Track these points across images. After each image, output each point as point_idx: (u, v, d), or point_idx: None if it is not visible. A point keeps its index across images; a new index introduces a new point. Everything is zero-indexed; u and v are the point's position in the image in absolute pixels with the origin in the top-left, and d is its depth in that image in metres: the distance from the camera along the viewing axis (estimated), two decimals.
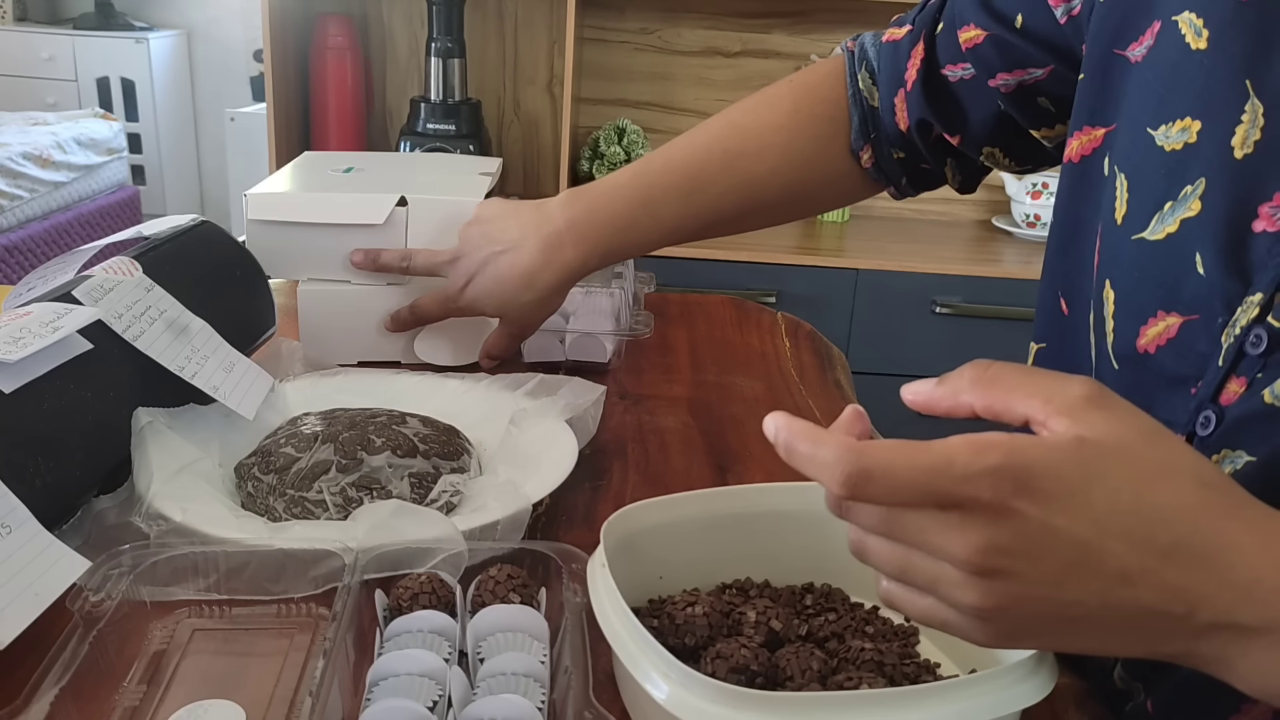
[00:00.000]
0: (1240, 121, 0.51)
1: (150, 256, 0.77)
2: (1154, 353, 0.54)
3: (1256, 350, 0.48)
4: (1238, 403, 0.49)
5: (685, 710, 0.43)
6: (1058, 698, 0.45)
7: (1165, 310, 0.54)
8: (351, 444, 0.68)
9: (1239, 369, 0.49)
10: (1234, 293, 0.50)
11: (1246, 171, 0.51)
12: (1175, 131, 0.54)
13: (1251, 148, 0.51)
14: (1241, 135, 0.51)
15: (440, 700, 0.48)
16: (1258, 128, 0.51)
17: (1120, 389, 0.56)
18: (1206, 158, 0.52)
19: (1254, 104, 0.51)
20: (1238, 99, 0.51)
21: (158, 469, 0.64)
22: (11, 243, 3.06)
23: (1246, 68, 0.52)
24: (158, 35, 4.16)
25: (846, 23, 2.27)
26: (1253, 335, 0.48)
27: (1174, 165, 0.54)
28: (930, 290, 2.04)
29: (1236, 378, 0.49)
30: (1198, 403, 0.51)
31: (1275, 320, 0.48)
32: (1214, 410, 0.50)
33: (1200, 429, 0.51)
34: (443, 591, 0.55)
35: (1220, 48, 0.53)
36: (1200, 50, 0.54)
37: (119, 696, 0.51)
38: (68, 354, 0.64)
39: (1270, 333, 0.48)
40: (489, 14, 2.28)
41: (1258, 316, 0.49)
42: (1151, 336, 0.54)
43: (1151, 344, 0.54)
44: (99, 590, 0.54)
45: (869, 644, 0.52)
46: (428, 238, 0.90)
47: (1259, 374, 0.48)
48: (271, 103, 2.13)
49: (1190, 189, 0.53)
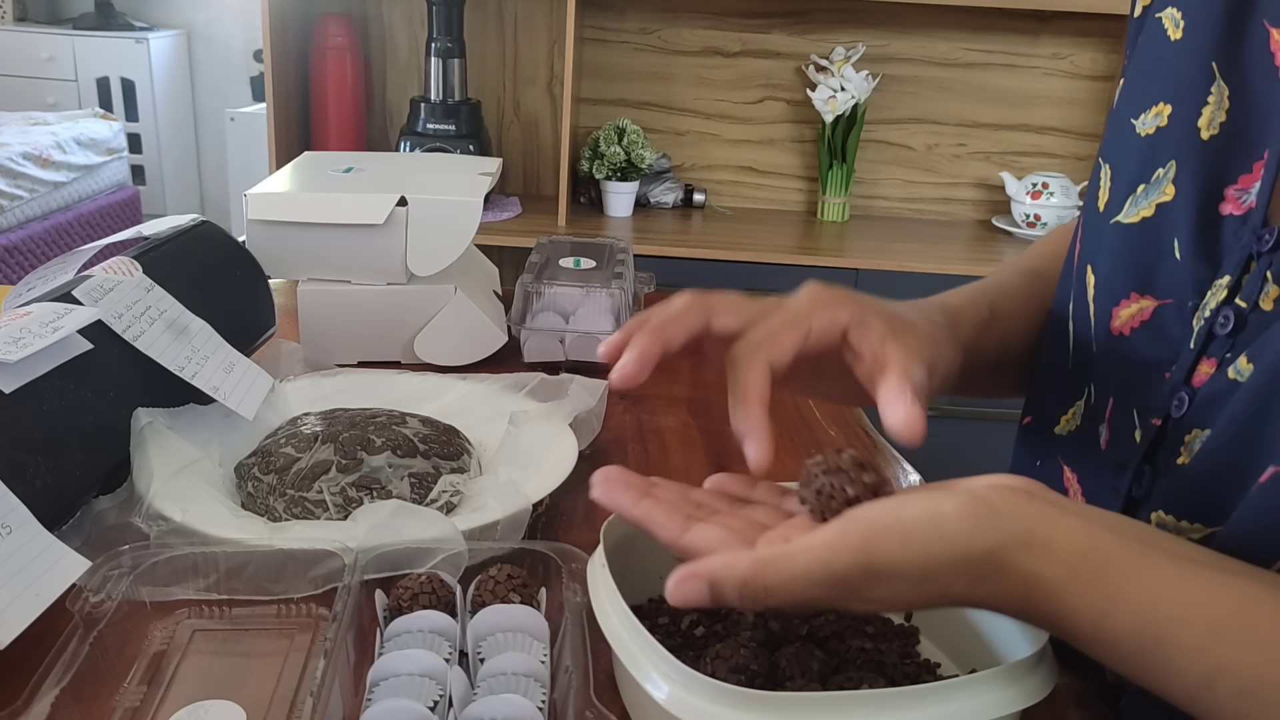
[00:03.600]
0: (1206, 103, 0.52)
1: (150, 256, 0.77)
2: (1128, 335, 0.55)
3: (1224, 331, 0.49)
4: (1208, 383, 0.50)
5: (685, 710, 0.43)
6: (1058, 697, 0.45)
7: (1139, 293, 0.55)
8: (351, 444, 0.68)
9: (1209, 350, 0.50)
10: (1204, 276, 0.51)
11: (1213, 153, 0.52)
12: (1150, 117, 0.56)
13: (1217, 129, 0.52)
14: (1208, 117, 0.52)
15: (441, 700, 0.48)
16: (1223, 109, 0.52)
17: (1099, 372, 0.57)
18: (1176, 140, 0.53)
19: (1219, 86, 0.52)
20: (1205, 81, 0.53)
21: (158, 469, 0.64)
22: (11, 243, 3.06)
23: (1213, 50, 0.53)
24: (158, 35, 4.16)
25: (846, 23, 2.27)
26: (1221, 316, 0.49)
27: (1147, 149, 0.55)
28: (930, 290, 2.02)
29: (1207, 359, 0.50)
30: (1172, 385, 0.52)
31: (1242, 301, 0.49)
32: (1187, 392, 0.51)
33: (1175, 411, 0.51)
34: (443, 591, 0.55)
35: (1192, 34, 0.54)
36: (1177, 40, 0.55)
37: (119, 697, 0.51)
38: (68, 354, 0.64)
39: (1237, 313, 0.49)
40: (489, 14, 2.28)
41: (1226, 298, 0.49)
42: (1124, 319, 0.55)
43: (1125, 326, 0.55)
44: (99, 591, 0.54)
45: (869, 644, 0.53)
46: (428, 238, 0.90)
47: (1227, 354, 0.49)
48: (271, 103, 2.13)
49: (1162, 172, 0.54)
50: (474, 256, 1.07)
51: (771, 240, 2.14)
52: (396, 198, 0.89)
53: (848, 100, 2.19)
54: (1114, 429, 0.56)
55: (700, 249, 2.07)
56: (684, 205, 2.36)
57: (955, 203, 2.39)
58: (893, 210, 2.39)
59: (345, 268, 0.91)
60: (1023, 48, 2.27)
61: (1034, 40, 2.26)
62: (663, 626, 0.55)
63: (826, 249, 2.14)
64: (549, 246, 1.09)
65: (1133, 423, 0.55)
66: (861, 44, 2.25)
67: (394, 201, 0.89)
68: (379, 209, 0.89)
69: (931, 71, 2.30)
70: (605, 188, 2.25)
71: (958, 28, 2.26)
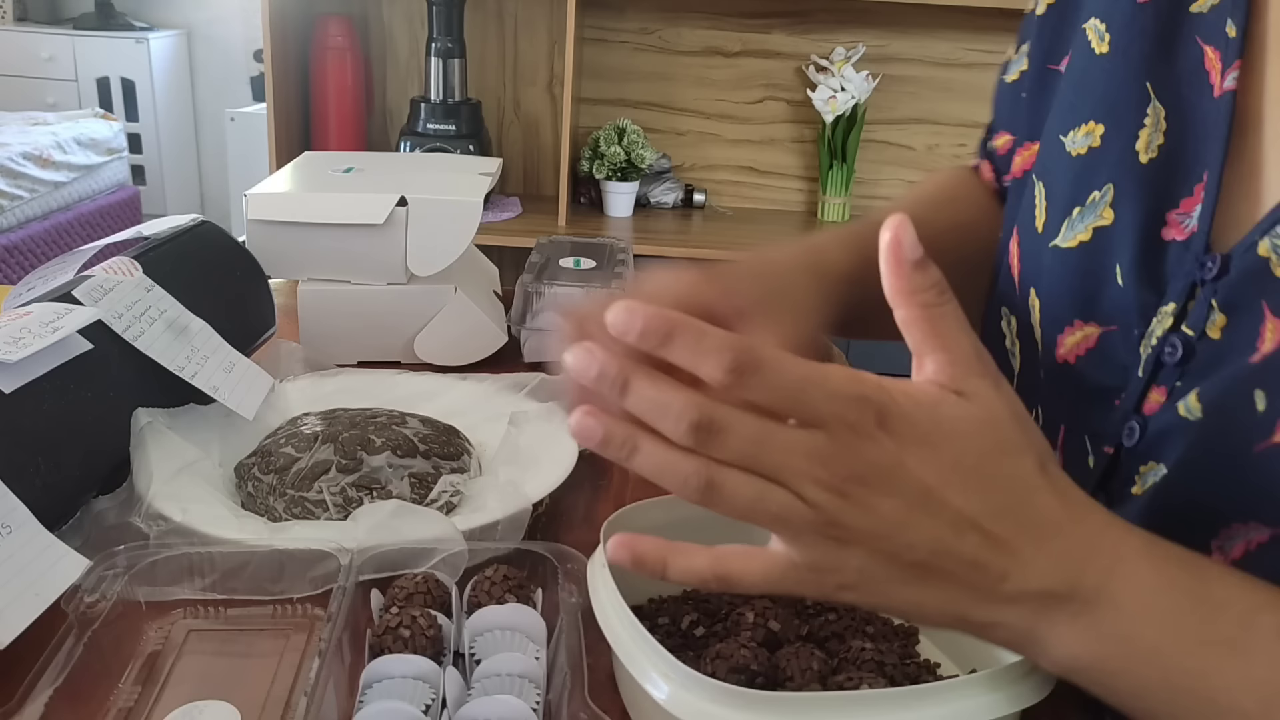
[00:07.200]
0: (1143, 125, 0.51)
1: (150, 256, 0.77)
2: (1074, 363, 0.54)
3: (1173, 360, 0.48)
4: (1159, 413, 0.48)
5: (685, 710, 0.43)
6: (1058, 698, 0.45)
7: (1083, 320, 0.53)
8: (351, 444, 0.68)
9: (1159, 378, 0.49)
10: (1149, 303, 0.49)
11: (1153, 178, 0.50)
12: (1080, 136, 0.54)
13: (1156, 152, 0.50)
14: (1145, 139, 0.51)
15: (434, 703, 0.48)
16: (1160, 131, 0.50)
17: (1048, 399, 0.56)
18: (1112, 163, 0.52)
19: (1155, 107, 0.51)
20: (1139, 101, 0.51)
21: (158, 469, 0.64)
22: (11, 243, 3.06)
23: (1146, 69, 0.51)
24: (158, 35, 4.16)
25: (846, 23, 2.27)
26: (1168, 345, 0.48)
27: (1080, 170, 0.54)
28: None
29: (1157, 387, 0.49)
30: (1122, 414, 0.51)
31: (1189, 329, 0.47)
32: (1138, 421, 0.50)
33: (1126, 439, 0.50)
34: (438, 592, 0.55)
35: (1119, 50, 0.53)
36: (1103, 54, 0.54)
37: (114, 697, 0.51)
38: (68, 354, 0.64)
39: (1185, 341, 0.47)
40: (489, 14, 2.28)
41: (1172, 326, 0.48)
42: (1070, 346, 0.54)
43: (1070, 353, 0.54)
44: (94, 591, 0.54)
45: (869, 644, 0.52)
46: (428, 238, 0.90)
47: (1178, 383, 0.48)
48: (271, 103, 2.13)
49: (1098, 195, 0.53)
50: (474, 256, 1.07)
51: (771, 240, 2.14)
52: (396, 198, 0.89)
53: (848, 100, 2.19)
54: (1067, 455, 0.55)
55: (700, 249, 2.07)
56: (684, 205, 2.36)
57: None
58: None
59: (345, 268, 0.91)
60: None
61: None
62: (663, 627, 0.55)
63: None
64: (549, 246, 1.09)
65: (1085, 449, 0.53)
66: (861, 44, 2.25)
67: (394, 201, 0.89)
68: (379, 209, 0.89)
69: (931, 71, 2.30)
70: (605, 188, 2.25)
71: (958, 28, 2.26)
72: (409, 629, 0.51)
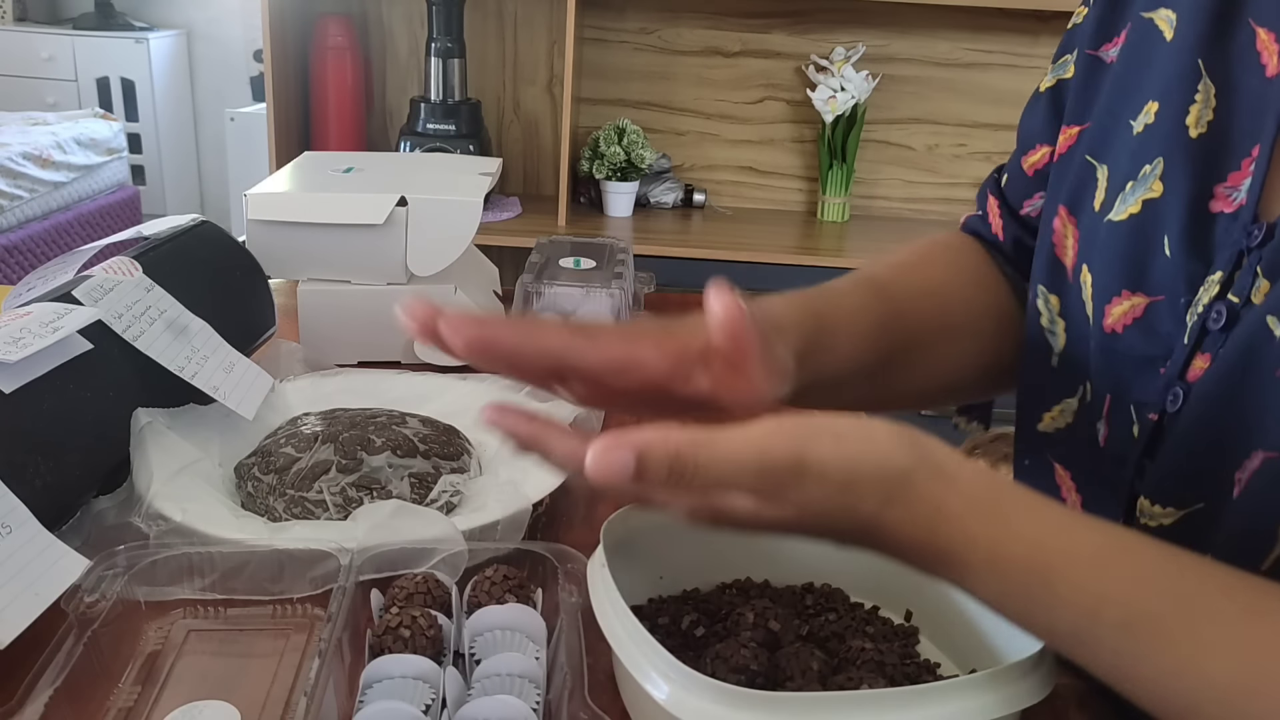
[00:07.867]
0: (1194, 101, 0.53)
1: (150, 256, 0.77)
2: (1121, 332, 0.55)
3: (1217, 326, 0.50)
4: (1202, 379, 0.50)
5: (685, 710, 0.43)
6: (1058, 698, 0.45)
7: (1130, 290, 0.55)
8: (351, 444, 0.68)
9: (1203, 345, 0.51)
10: (1196, 273, 0.51)
11: (1202, 151, 0.52)
12: (1142, 115, 0.56)
13: (1205, 128, 0.52)
14: (1195, 115, 0.53)
15: (434, 703, 0.48)
16: (1209, 108, 0.52)
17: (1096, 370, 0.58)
18: (1162, 137, 0.54)
19: (1206, 84, 0.53)
20: (1192, 78, 0.53)
21: (158, 469, 0.64)
22: (11, 243, 3.06)
23: (1199, 47, 0.53)
24: (157, 35, 4.16)
25: (846, 23, 2.27)
26: (1214, 312, 0.50)
27: (1137, 147, 0.56)
28: None
29: (1201, 354, 0.51)
30: (1166, 380, 0.52)
31: (1234, 296, 0.49)
32: (1181, 387, 0.51)
33: (1170, 406, 0.52)
34: (438, 592, 0.55)
35: (1182, 34, 0.55)
36: (1170, 40, 0.56)
37: (114, 697, 0.51)
38: (68, 354, 0.64)
39: (1229, 308, 0.49)
40: (489, 14, 2.28)
41: (1218, 294, 0.50)
42: (1117, 316, 0.56)
43: (1118, 323, 0.56)
44: (94, 591, 0.54)
45: (869, 644, 0.52)
46: (428, 238, 0.90)
47: (1220, 348, 0.49)
48: (271, 103, 2.13)
49: (1149, 168, 0.54)
50: (474, 256, 1.07)
51: (771, 240, 2.14)
52: (396, 198, 0.89)
53: (848, 100, 2.19)
54: (1113, 424, 0.56)
55: (700, 249, 2.07)
56: (684, 205, 2.35)
57: (955, 203, 2.39)
58: (893, 210, 2.39)
59: (345, 268, 0.91)
60: (1023, 48, 2.26)
61: (1034, 40, 2.26)
62: (663, 627, 0.55)
63: (826, 249, 2.14)
64: (549, 246, 1.09)
65: (1131, 418, 0.55)
66: (861, 44, 2.25)
67: (394, 201, 0.89)
68: (379, 209, 0.89)
69: (931, 71, 2.29)
70: (605, 188, 2.25)
71: (958, 28, 2.25)
72: (409, 629, 0.51)
